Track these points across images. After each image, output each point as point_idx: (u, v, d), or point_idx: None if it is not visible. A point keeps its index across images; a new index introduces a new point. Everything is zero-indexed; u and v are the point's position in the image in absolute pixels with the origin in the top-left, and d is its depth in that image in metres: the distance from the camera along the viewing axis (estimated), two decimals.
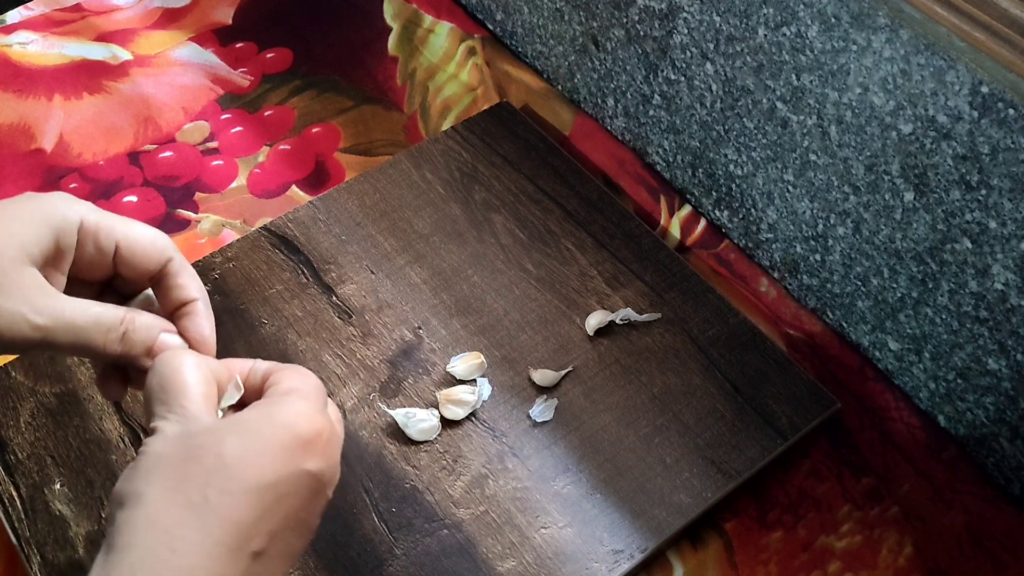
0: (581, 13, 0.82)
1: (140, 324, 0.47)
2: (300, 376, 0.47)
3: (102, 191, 0.82)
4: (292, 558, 0.43)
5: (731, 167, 0.75)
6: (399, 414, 0.65)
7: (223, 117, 0.87)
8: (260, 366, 0.48)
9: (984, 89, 0.55)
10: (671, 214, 0.81)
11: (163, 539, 0.39)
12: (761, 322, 0.73)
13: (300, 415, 0.44)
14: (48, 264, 0.47)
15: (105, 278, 0.50)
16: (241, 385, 0.47)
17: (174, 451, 0.42)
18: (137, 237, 0.49)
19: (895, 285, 0.67)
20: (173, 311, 0.49)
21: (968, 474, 0.67)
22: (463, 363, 0.68)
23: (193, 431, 0.43)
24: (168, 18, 0.95)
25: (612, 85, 0.83)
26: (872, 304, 0.70)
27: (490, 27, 0.95)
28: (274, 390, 0.46)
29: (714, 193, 0.78)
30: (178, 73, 0.91)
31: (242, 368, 0.48)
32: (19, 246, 0.45)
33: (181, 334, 0.49)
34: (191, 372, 0.45)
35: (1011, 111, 0.54)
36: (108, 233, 0.48)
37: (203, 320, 0.49)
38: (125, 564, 0.39)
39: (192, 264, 0.50)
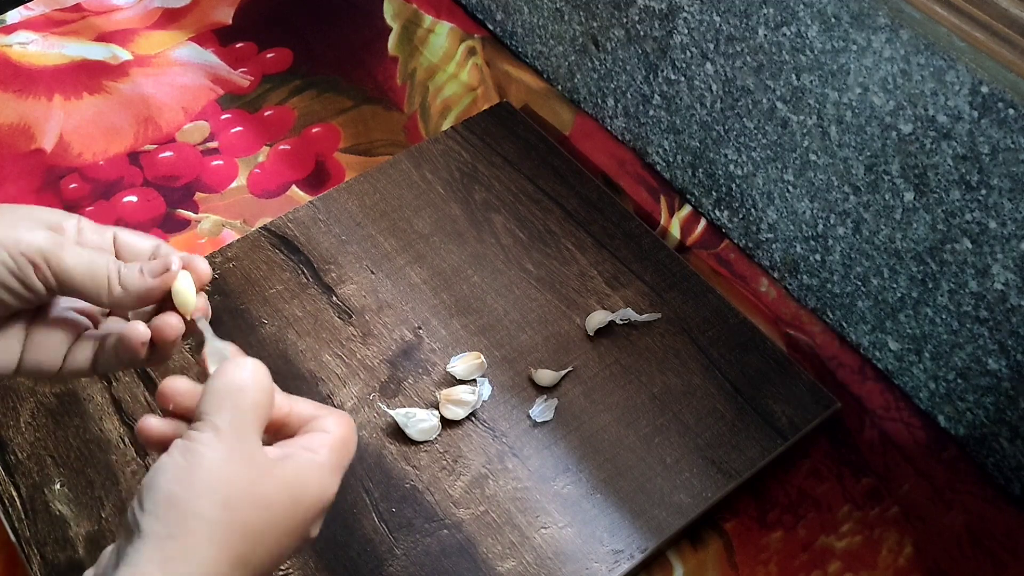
0: (581, 13, 0.82)
1: (128, 266, 0.48)
2: (343, 425, 0.48)
3: (102, 191, 0.82)
4: None
5: (731, 167, 0.75)
6: (399, 414, 0.65)
7: (223, 117, 0.87)
8: (303, 409, 0.48)
9: (984, 89, 0.55)
10: (671, 214, 0.81)
11: None
12: (761, 322, 0.73)
13: (330, 486, 0.46)
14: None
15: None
16: None
17: (237, 481, 0.43)
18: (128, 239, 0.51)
19: (895, 285, 0.67)
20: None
21: (968, 474, 0.67)
22: (463, 363, 0.68)
23: (259, 467, 0.44)
24: (168, 18, 0.95)
25: (612, 85, 0.83)
26: (872, 304, 0.70)
27: (490, 27, 0.95)
28: (322, 439, 0.47)
29: (714, 193, 0.78)
30: (178, 73, 0.91)
31: (281, 406, 0.47)
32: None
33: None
34: (267, 394, 0.46)
35: (1011, 111, 0.54)
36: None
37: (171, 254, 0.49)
38: None
39: None
